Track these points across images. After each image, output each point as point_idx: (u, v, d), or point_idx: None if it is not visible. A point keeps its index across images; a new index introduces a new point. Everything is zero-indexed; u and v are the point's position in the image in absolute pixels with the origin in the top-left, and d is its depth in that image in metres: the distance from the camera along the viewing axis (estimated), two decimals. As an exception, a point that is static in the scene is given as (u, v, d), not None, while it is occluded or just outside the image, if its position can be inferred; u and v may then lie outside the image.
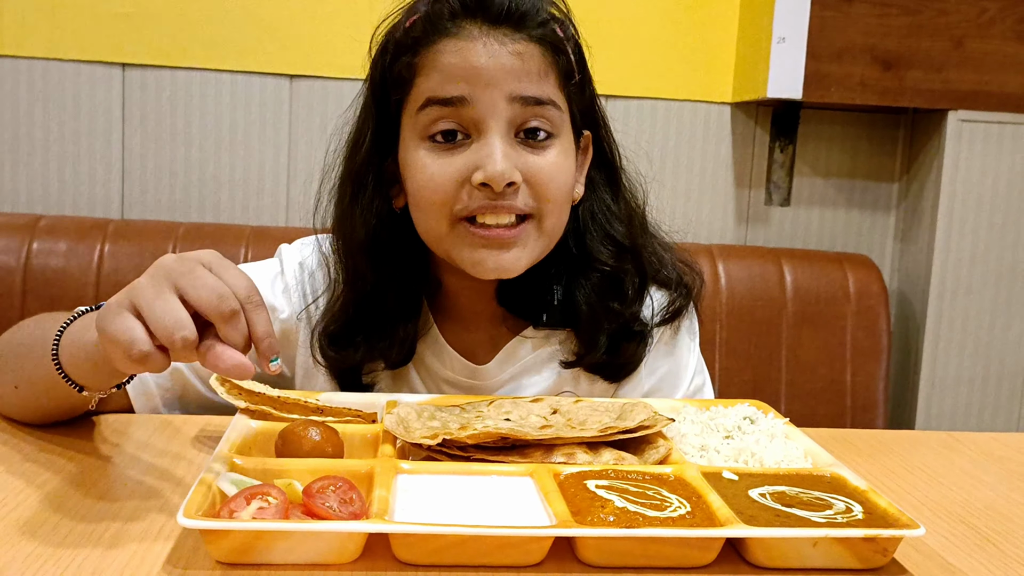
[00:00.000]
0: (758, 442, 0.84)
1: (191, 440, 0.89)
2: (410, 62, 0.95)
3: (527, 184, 0.95)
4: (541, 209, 0.96)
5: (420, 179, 0.95)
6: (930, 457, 0.97)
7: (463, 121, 0.94)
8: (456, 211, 0.95)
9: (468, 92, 0.93)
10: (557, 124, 0.97)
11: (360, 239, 0.99)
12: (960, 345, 1.97)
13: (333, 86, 1.92)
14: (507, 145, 0.94)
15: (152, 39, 1.86)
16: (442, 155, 0.94)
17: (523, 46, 0.94)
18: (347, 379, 1.03)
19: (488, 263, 0.96)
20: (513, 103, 0.93)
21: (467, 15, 0.95)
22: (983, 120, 1.91)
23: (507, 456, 0.81)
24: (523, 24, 0.95)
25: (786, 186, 2.09)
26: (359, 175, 1.00)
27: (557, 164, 0.96)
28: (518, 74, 0.93)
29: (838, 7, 1.85)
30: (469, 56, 0.93)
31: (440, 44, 0.94)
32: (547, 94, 0.95)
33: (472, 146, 0.94)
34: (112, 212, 1.90)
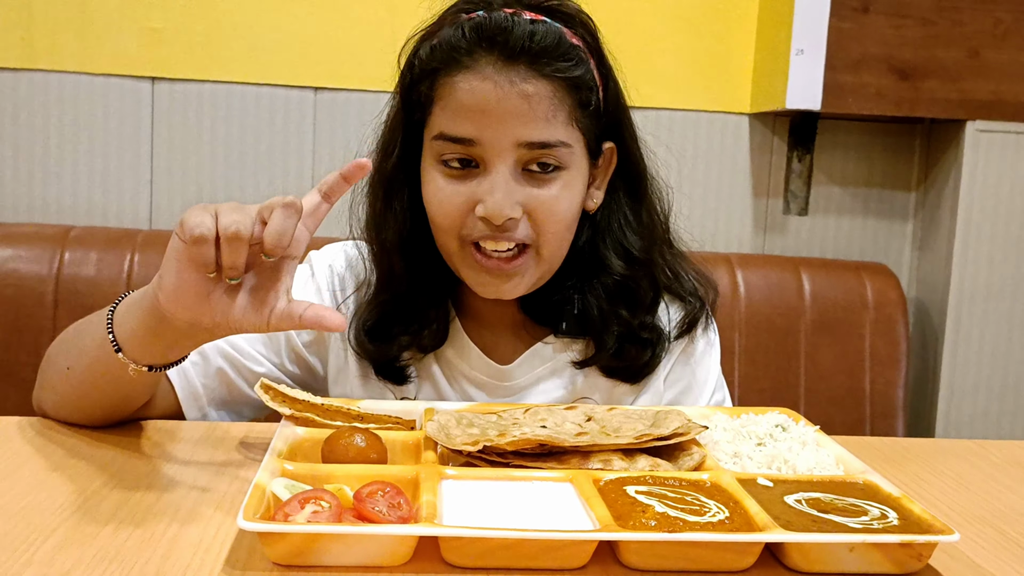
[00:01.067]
0: (790, 449, 0.86)
1: (237, 446, 0.92)
2: (428, 90, 0.99)
3: (528, 216, 0.99)
4: (540, 240, 1.01)
5: (434, 201, 1.00)
6: (956, 464, 0.98)
7: (472, 155, 0.98)
8: (462, 235, 1.00)
9: (476, 134, 0.96)
10: (565, 159, 0.99)
11: (393, 240, 1.05)
12: (979, 353, 1.99)
13: (356, 98, 1.95)
14: (510, 181, 0.97)
15: (180, 53, 1.89)
16: (452, 181, 0.99)
17: (533, 86, 0.96)
18: (385, 369, 1.08)
19: (488, 288, 1.02)
20: (519, 147, 0.97)
21: (483, 48, 0.96)
22: (1000, 130, 1.93)
23: (545, 462, 0.83)
24: (539, 60, 0.96)
25: (804, 195, 2.11)
26: (391, 180, 1.05)
27: (559, 197, 1.00)
28: (525, 119, 0.96)
29: (855, 19, 1.87)
30: (478, 96, 0.95)
31: (456, 77, 0.97)
32: (555, 136, 0.98)
33: (478, 178, 0.98)
34: (140, 223, 1.93)
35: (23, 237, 1.75)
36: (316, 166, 1.96)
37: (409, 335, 1.06)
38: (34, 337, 1.71)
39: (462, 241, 1.00)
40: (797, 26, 1.86)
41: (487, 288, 1.02)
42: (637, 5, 1.98)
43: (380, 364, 1.07)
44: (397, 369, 1.07)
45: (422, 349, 1.08)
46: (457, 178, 0.99)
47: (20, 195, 1.90)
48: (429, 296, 1.07)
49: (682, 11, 2.00)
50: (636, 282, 1.07)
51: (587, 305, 1.07)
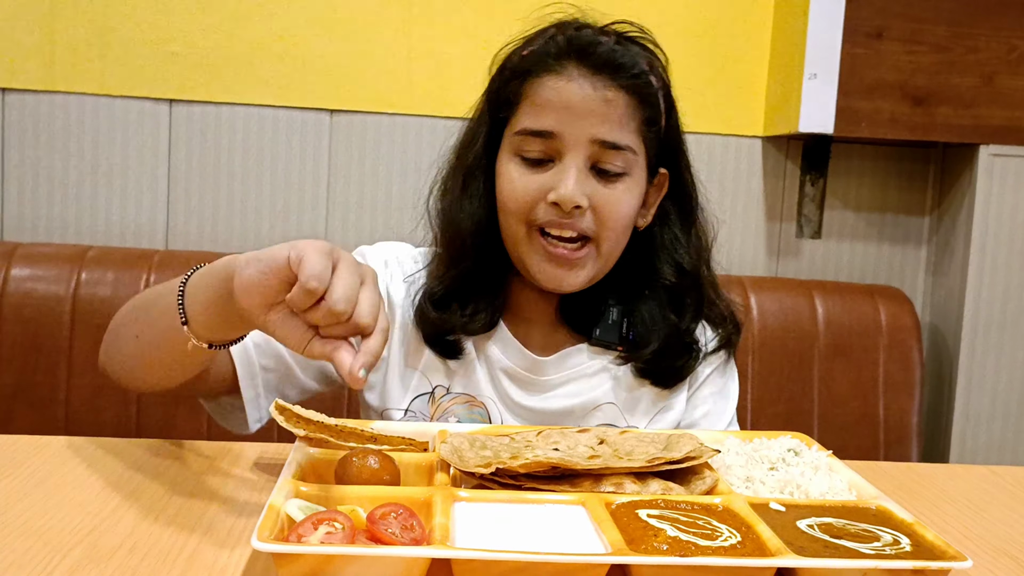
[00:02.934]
0: (803, 474, 0.86)
1: (251, 466, 0.92)
2: (518, 88, 1.11)
3: (592, 210, 1.09)
4: (600, 234, 1.10)
5: (507, 188, 1.11)
6: (970, 490, 0.98)
7: (549, 149, 1.09)
8: (530, 220, 1.09)
9: (556, 127, 1.08)
10: (629, 165, 1.10)
11: (467, 225, 1.14)
12: (994, 379, 1.98)
13: (372, 120, 1.97)
14: (581, 174, 1.08)
15: (198, 76, 1.92)
16: (528, 172, 1.10)
17: (613, 93, 1.08)
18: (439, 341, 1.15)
19: (550, 275, 1.11)
20: (593, 143, 1.08)
21: (572, 57, 1.09)
22: (1015, 155, 1.93)
23: (557, 485, 0.83)
24: (618, 73, 1.09)
25: (817, 219, 2.11)
26: (471, 170, 1.15)
27: (620, 198, 1.10)
28: (602, 118, 1.08)
29: (869, 44, 1.88)
30: (564, 95, 1.08)
31: (543, 78, 1.09)
32: (625, 140, 1.09)
33: (553, 169, 1.09)
34: (157, 243, 1.95)
35: (41, 257, 1.77)
36: (331, 188, 1.98)
37: (464, 315, 1.14)
38: (51, 357, 1.72)
39: (529, 227, 1.10)
40: (810, 51, 1.87)
41: (549, 276, 1.11)
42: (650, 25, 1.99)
43: (436, 335, 1.15)
44: (450, 343, 1.15)
45: (471, 332, 1.15)
46: (532, 169, 1.10)
47: (39, 215, 1.92)
48: (488, 281, 1.16)
49: (696, 34, 2.02)
50: (685, 291, 1.17)
51: (636, 313, 1.16)
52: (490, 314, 1.16)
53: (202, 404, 1.14)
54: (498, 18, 1.96)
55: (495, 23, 1.96)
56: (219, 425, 1.86)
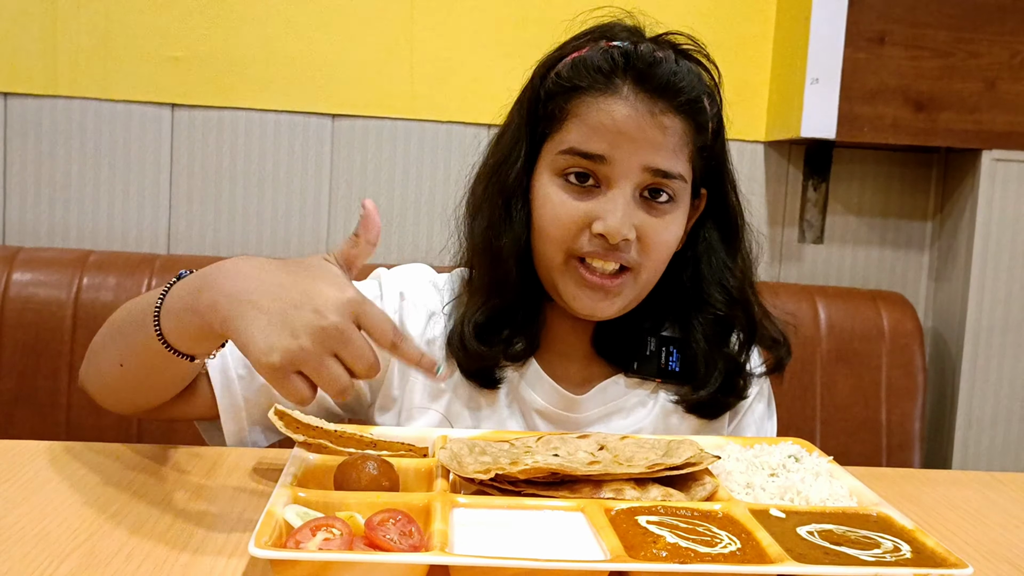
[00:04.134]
0: (803, 480, 0.86)
1: (250, 472, 0.92)
2: (564, 104, 1.03)
3: (638, 240, 1.03)
4: (642, 264, 1.04)
5: (548, 213, 1.04)
6: (972, 497, 0.98)
7: (597, 173, 1.02)
8: (572, 249, 1.03)
9: (608, 152, 1.01)
10: (679, 193, 1.04)
11: (510, 248, 1.07)
12: (997, 384, 1.97)
13: (374, 125, 1.97)
14: (631, 203, 1.02)
15: (200, 80, 1.92)
16: (571, 196, 1.03)
17: (669, 120, 1.02)
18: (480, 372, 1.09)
19: (585, 303, 1.05)
20: (645, 171, 1.02)
21: (629, 77, 1.02)
22: (1017, 160, 1.92)
23: (557, 491, 0.83)
24: (678, 98, 1.02)
25: (819, 224, 2.11)
26: (512, 190, 1.07)
27: (668, 228, 1.04)
28: (657, 147, 1.01)
29: (871, 49, 1.88)
30: (618, 118, 1.01)
31: (595, 97, 1.02)
32: (678, 169, 1.03)
33: (599, 196, 1.02)
34: (159, 247, 1.95)
35: (43, 262, 1.77)
36: (333, 192, 1.98)
37: (503, 343, 1.08)
38: (52, 362, 1.72)
39: (568, 255, 1.04)
40: (812, 55, 1.87)
41: (583, 304, 1.05)
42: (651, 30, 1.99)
43: (478, 367, 1.08)
44: (490, 372, 1.09)
45: (513, 357, 1.09)
46: (576, 193, 1.03)
47: (41, 220, 1.92)
48: (527, 308, 1.10)
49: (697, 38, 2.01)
50: (735, 318, 1.11)
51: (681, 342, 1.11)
52: (529, 340, 1.10)
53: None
54: (503, 22, 1.96)
55: (499, 27, 1.96)
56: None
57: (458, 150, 1.99)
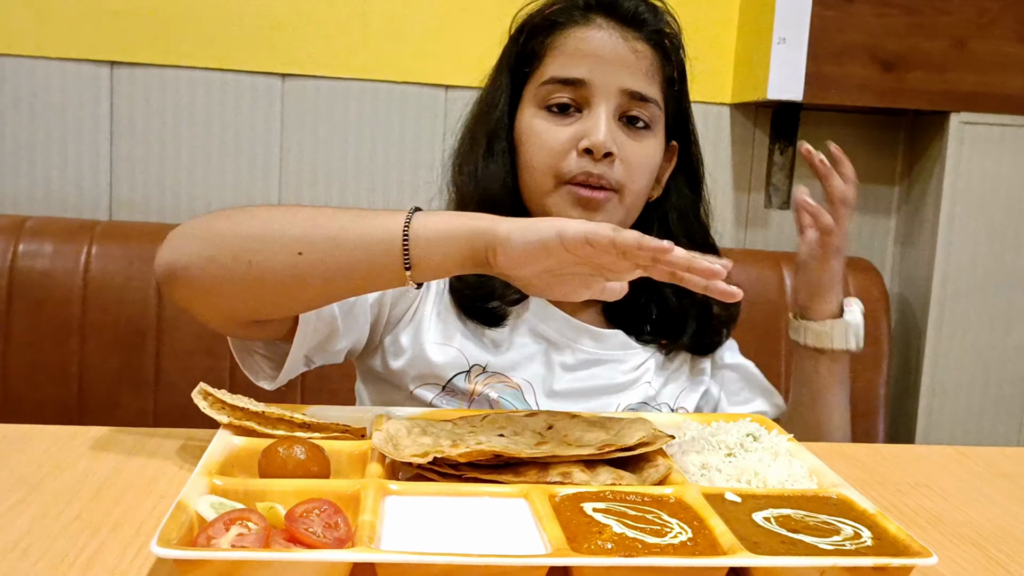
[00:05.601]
0: (761, 460, 0.81)
1: (173, 455, 0.86)
2: (543, 41, 1.11)
3: (620, 161, 1.08)
4: (625, 186, 1.10)
5: (535, 142, 1.10)
6: (936, 473, 0.94)
7: (578, 98, 1.09)
8: (560, 173, 1.08)
9: (587, 75, 1.08)
10: (654, 120, 1.11)
11: (497, 188, 1.12)
12: (961, 350, 1.95)
13: (325, 85, 1.88)
14: (612, 122, 1.08)
15: (141, 37, 1.82)
16: (556, 123, 1.09)
17: (641, 45, 1.10)
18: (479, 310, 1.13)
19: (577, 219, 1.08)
20: (623, 94, 1.08)
21: (600, 11, 1.11)
22: (985, 122, 1.88)
23: (501, 474, 0.78)
24: (644, 26, 1.11)
25: (786, 188, 2.06)
26: (494, 131, 1.13)
27: (646, 152, 1.11)
28: (632, 69, 1.09)
29: (839, 7, 1.82)
30: (594, 44, 1.09)
31: (571, 30, 1.10)
32: (652, 93, 1.10)
33: (582, 119, 1.09)
34: (100, 213, 1.86)
35: (-26, 228, 1.68)
36: (284, 155, 1.90)
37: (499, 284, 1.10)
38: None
39: (558, 181, 1.09)
40: (779, 14, 1.81)
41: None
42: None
43: (475, 303, 1.12)
44: (490, 310, 1.13)
45: (509, 300, 1.13)
46: (559, 120, 1.09)
47: (-26, 184, 1.83)
48: None
49: None
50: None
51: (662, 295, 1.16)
52: None
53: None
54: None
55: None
56: (166, 402, 1.79)
57: (413, 111, 1.91)
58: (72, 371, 1.67)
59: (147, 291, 1.69)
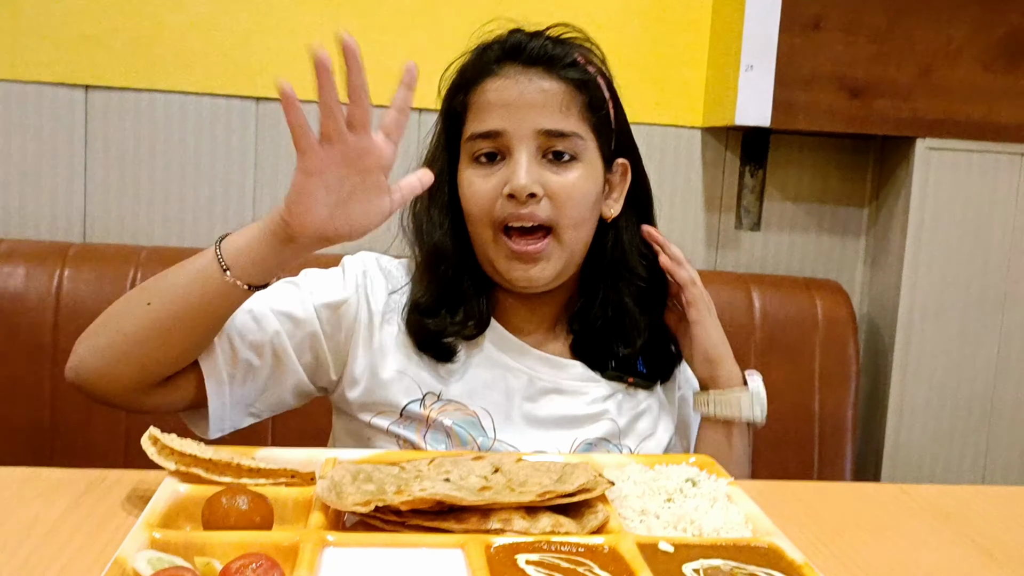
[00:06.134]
0: (697, 508, 0.83)
1: (124, 497, 0.88)
2: (463, 99, 1.16)
3: (548, 198, 1.11)
4: (559, 222, 1.12)
5: (468, 193, 1.14)
6: (876, 513, 0.96)
7: (499, 147, 1.13)
8: (494, 219, 1.12)
9: (501, 125, 1.12)
10: (579, 150, 1.13)
11: (438, 236, 1.17)
12: (929, 371, 1.97)
13: (300, 109, 1.90)
14: (532, 164, 1.11)
15: (116, 61, 1.83)
16: (484, 173, 1.13)
17: (548, 84, 1.13)
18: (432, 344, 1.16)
19: (519, 273, 1.13)
20: (539, 135, 1.11)
21: (507, 59, 1.14)
22: (950, 148, 1.91)
23: (444, 521, 0.79)
24: (552, 65, 1.13)
25: (756, 211, 2.08)
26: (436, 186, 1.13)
27: (575, 183, 1.13)
28: (542, 108, 1.12)
29: (806, 35, 1.84)
30: (503, 94, 1.13)
31: (485, 84, 1.14)
32: (569, 127, 1.12)
33: (505, 165, 1.12)
34: (74, 236, 1.87)
35: (-53, 252, 1.69)
36: (258, 179, 1.91)
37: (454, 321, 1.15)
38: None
39: (495, 227, 1.12)
40: (747, 41, 1.83)
41: (518, 275, 1.13)
42: (589, 15, 1.94)
43: (430, 340, 1.15)
44: (444, 345, 1.15)
45: (466, 337, 1.16)
46: (487, 170, 1.13)
47: (-52, 207, 1.84)
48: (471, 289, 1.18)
49: (634, 23, 1.97)
50: (654, 283, 1.21)
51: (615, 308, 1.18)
52: (479, 317, 1.17)
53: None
54: (428, 7, 1.89)
55: (426, 12, 1.89)
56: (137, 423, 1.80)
57: (388, 134, 1.93)
58: (44, 393, 1.68)
59: (119, 315, 1.71)
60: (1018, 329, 1.97)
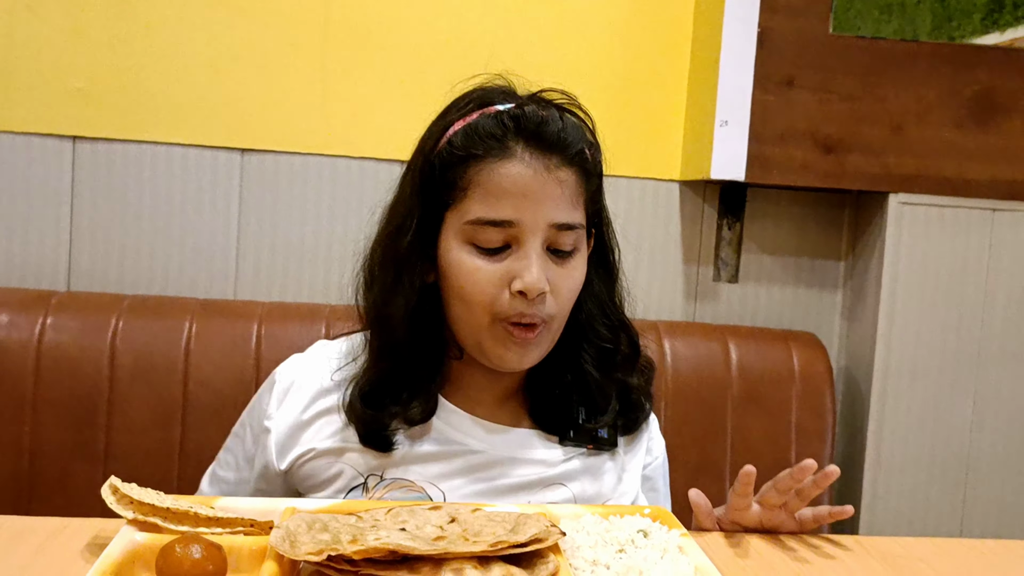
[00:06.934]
0: (647, 559, 0.84)
1: (84, 547, 0.89)
2: (463, 173, 1.07)
3: (551, 293, 1.07)
4: (556, 315, 1.09)
5: (467, 280, 1.07)
6: (830, 567, 0.97)
7: (507, 237, 1.06)
8: (495, 311, 1.07)
9: (514, 215, 1.05)
10: (580, 241, 1.10)
11: (401, 315, 1.10)
12: (905, 426, 1.98)
13: (284, 160, 1.94)
14: (542, 259, 1.06)
15: (103, 113, 1.88)
16: (487, 261, 1.07)
17: (565, 173, 1.07)
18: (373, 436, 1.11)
19: (512, 359, 1.09)
20: (551, 228, 1.06)
21: (521, 138, 1.06)
22: (922, 203, 1.94)
23: (396, 571, 0.80)
24: (568, 151, 1.07)
25: (734, 263, 2.11)
26: (403, 258, 1.11)
27: (574, 276, 1.10)
28: (558, 202, 1.06)
29: (779, 92, 1.89)
30: (519, 182, 1.05)
31: (493, 163, 1.05)
32: (577, 219, 1.08)
33: (512, 256, 1.06)
34: (59, 284, 1.90)
35: (-69, 299, 1.71)
36: (243, 230, 1.94)
37: (400, 406, 1.11)
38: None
39: (494, 318, 1.07)
40: (721, 97, 1.88)
41: (509, 360, 1.09)
42: (568, 72, 1.99)
43: (369, 432, 1.11)
44: (383, 437, 1.11)
45: (411, 422, 1.12)
46: (490, 257, 1.06)
47: (-65, 254, 1.86)
48: (424, 370, 1.13)
49: (613, 77, 2.02)
50: (621, 345, 1.18)
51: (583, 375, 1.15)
52: (426, 402, 1.12)
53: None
54: (417, 58, 1.94)
55: (414, 63, 1.94)
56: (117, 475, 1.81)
57: (371, 186, 1.96)
58: (24, 444, 1.69)
59: (100, 362, 1.72)
60: (993, 384, 1.99)
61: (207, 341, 1.75)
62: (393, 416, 1.11)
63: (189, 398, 1.72)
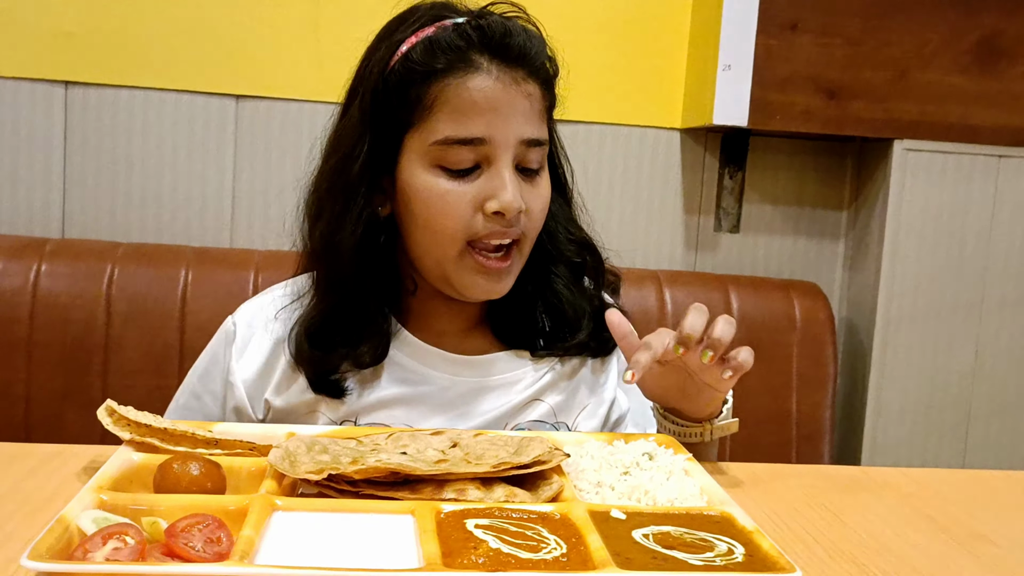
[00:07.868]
0: (652, 479, 0.83)
1: (80, 470, 0.87)
2: (426, 90, 1.00)
3: (524, 212, 1.02)
4: (527, 233, 1.04)
5: (436, 205, 1.01)
6: (835, 494, 0.96)
7: (478, 155, 1.00)
8: (469, 235, 1.01)
9: (487, 133, 0.99)
10: (544, 158, 1.06)
11: (349, 246, 1.03)
12: (905, 374, 1.97)
13: (279, 107, 1.91)
14: (515, 177, 1.01)
15: (96, 57, 1.84)
16: (457, 184, 1.01)
17: (532, 87, 1.02)
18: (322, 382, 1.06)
19: (481, 289, 1.05)
20: (520, 144, 1.01)
21: (489, 51, 1.00)
22: (927, 150, 1.92)
23: (398, 491, 0.79)
24: (534, 63, 1.02)
25: (736, 213, 2.09)
26: (352, 187, 1.03)
27: (544, 196, 1.06)
28: (528, 116, 1.02)
29: (783, 36, 1.86)
30: (490, 96, 0.99)
31: (460, 79, 0.99)
32: (543, 134, 1.04)
33: (483, 176, 1.01)
34: (52, 231, 1.87)
35: (-78, 245, 1.69)
36: (237, 177, 1.91)
37: (348, 347, 1.05)
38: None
39: (465, 243, 1.02)
40: (724, 42, 1.85)
41: (479, 290, 1.05)
42: (568, 18, 1.95)
43: (319, 376, 1.05)
44: (333, 383, 1.05)
45: (360, 365, 1.05)
46: (460, 180, 1.01)
47: (-74, 201, 1.84)
48: (374, 306, 1.06)
49: (614, 24, 1.98)
50: (587, 259, 1.14)
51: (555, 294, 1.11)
52: (378, 344, 1.06)
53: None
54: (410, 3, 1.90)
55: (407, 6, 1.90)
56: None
57: (368, 134, 1.93)
58: (19, 390, 1.68)
59: (94, 309, 1.70)
60: (995, 330, 1.98)
61: (203, 289, 1.73)
62: (343, 358, 1.05)
63: (185, 345, 1.70)
